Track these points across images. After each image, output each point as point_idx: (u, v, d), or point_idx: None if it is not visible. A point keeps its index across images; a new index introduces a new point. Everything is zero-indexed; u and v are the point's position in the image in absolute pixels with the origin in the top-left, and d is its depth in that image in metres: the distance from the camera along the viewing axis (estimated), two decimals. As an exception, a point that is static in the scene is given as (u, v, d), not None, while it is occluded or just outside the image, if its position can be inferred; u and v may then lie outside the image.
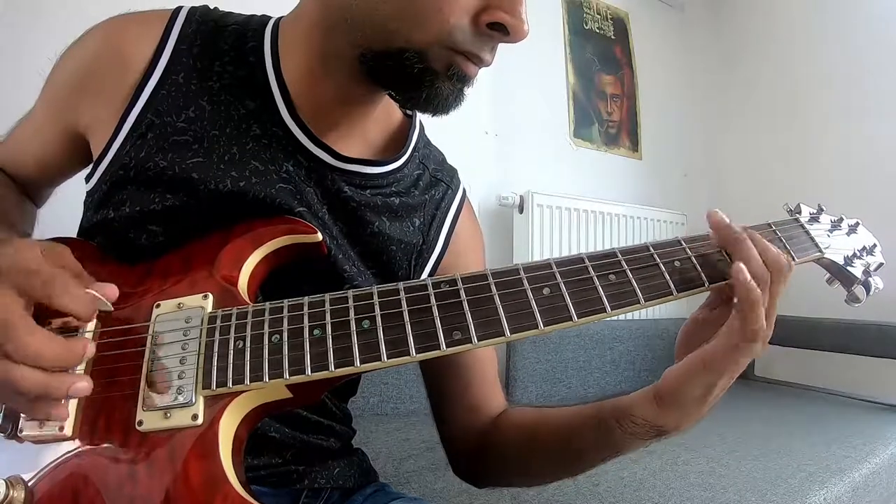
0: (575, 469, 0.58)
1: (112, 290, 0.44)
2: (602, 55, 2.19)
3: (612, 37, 2.24)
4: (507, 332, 0.42)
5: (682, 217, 2.19)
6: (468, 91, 0.52)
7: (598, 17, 2.21)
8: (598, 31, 2.20)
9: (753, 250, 0.45)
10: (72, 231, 0.58)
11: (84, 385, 0.40)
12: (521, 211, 1.82)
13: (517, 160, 1.93)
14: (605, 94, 2.20)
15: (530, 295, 0.43)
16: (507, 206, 1.83)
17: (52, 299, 0.39)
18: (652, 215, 2.09)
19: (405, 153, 0.61)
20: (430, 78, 0.49)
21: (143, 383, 0.43)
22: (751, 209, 0.52)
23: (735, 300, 0.45)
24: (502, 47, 0.51)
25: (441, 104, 0.50)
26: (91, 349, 0.41)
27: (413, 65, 0.48)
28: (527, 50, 1.94)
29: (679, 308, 2.14)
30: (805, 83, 2.21)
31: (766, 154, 2.31)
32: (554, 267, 0.45)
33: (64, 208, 0.68)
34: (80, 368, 0.44)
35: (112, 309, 0.44)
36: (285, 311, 0.44)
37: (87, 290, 0.41)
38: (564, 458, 0.57)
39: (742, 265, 0.44)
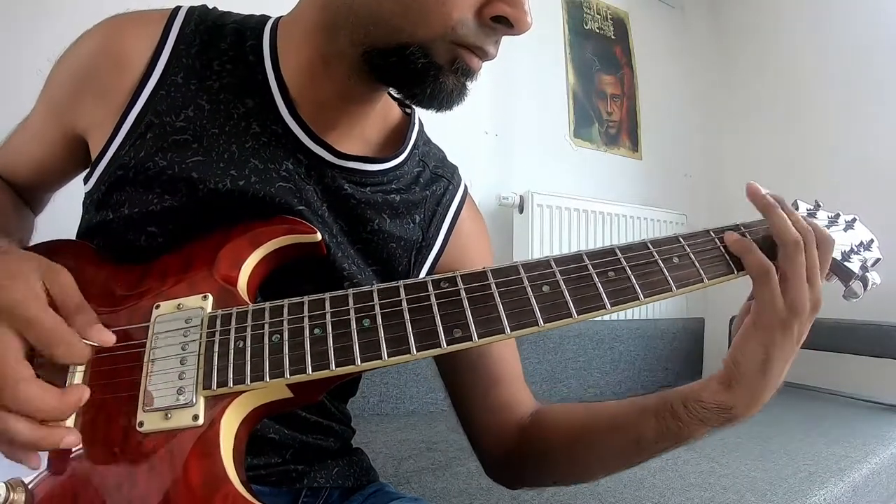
0: (632, 461, 0.57)
1: (109, 338, 0.44)
2: (602, 55, 2.19)
3: (612, 37, 2.25)
4: (508, 330, 0.42)
5: (682, 217, 2.19)
6: (471, 85, 0.52)
7: (598, 17, 2.21)
8: (598, 31, 2.20)
9: (785, 217, 0.48)
10: (70, 233, 0.58)
11: (73, 439, 0.40)
12: (521, 211, 1.82)
13: (517, 160, 1.94)
14: (605, 94, 2.20)
15: (530, 292, 0.43)
16: (507, 206, 1.83)
17: (51, 353, 0.40)
18: (652, 215, 2.10)
19: (405, 150, 0.61)
20: (435, 73, 0.49)
21: (143, 384, 0.43)
22: (751, 209, 0.52)
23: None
24: (502, 48, 0.51)
25: (445, 99, 0.51)
26: (86, 396, 0.42)
27: (417, 60, 0.48)
28: (527, 50, 1.95)
29: (679, 308, 2.15)
30: (805, 83, 2.21)
31: (766, 154, 2.31)
32: (553, 265, 0.45)
33: (62, 211, 0.68)
34: (80, 370, 0.44)
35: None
36: (285, 310, 0.44)
37: (84, 341, 0.42)
38: (622, 450, 0.56)
39: (746, 249, 0.48)
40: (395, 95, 0.62)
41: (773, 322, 0.47)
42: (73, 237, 0.58)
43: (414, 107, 0.64)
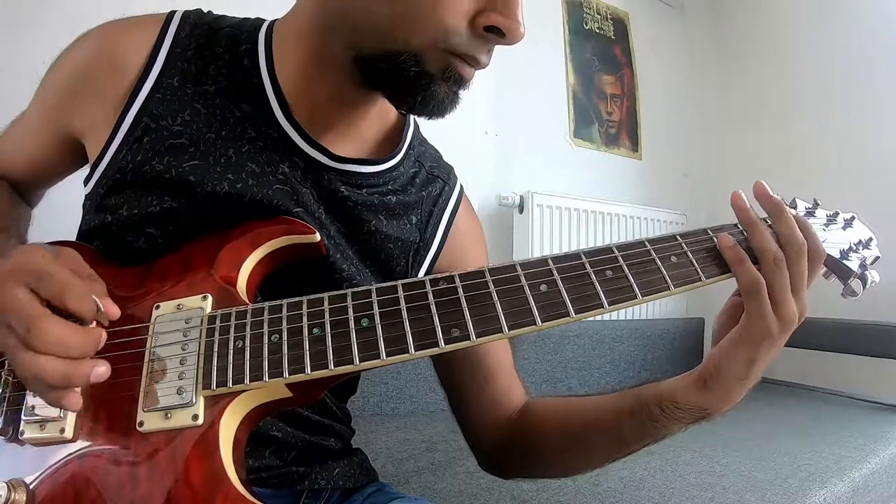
0: (614, 455, 0.58)
1: (115, 311, 0.44)
2: (602, 55, 2.19)
3: (612, 37, 2.25)
4: (506, 329, 0.42)
5: (682, 217, 2.19)
6: (463, 94, 0.52)
7: (598, 17, 2.21)
8: (598, 31, 2.20)
9: (766, 234, 0.47)
10: (70, 235, 0.58)
11: (104, 370, 0.40)
12: (521, 211, 1.82)
13: (517, 160, 1.94)
14: (605, 94, 2.20)
15: (528, 291, 0.43)
16: (507, 206, 1.83)
17: (64, 301, 0.40)
18: (652, 215, 2.09)
19: (400, 151, 0.62)
20: (426, 81, 0.49)
21: (143, 384, 0.43)
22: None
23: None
24: (503, 47, 0.50)
25: (437, 107, 0.50)
26: (104, 338, 0.42)
27: (409, 67, 0.48)
28: (527, 50, 1.94)
29: (678, 308, 2.15)
30: (805, 83, 2.21)
31: (766, 154, 2.31)
32: (551, 263, 0.45)
33: (61, 212, 0.68)
34: None
35: (107, 322, 0.44)
36: (284, 310, 0.44)
37: (93, 297, 0.42)
38: (604, 445, 0.57)
39: (738, 260, 0.47)
40: None
41: (762, 335, 0.46)
42: (73, 238, 0.58)
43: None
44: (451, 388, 0.67)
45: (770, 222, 0.49)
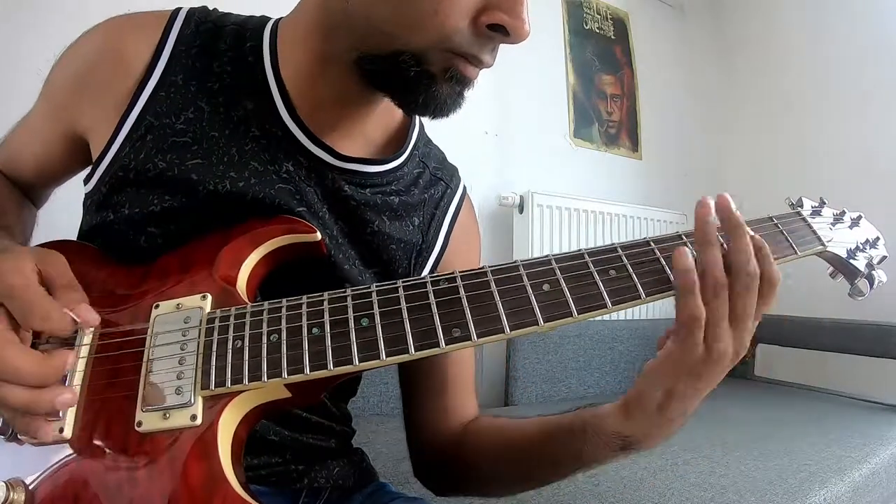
0: (548, 478, 0.57)
1: (93, 318, 0.43)
2: (602, 55, 2.19)
3: (612, 37, 2.24)
4: (507, 329, 0.41)
5: (682, 217, 2.19)
6: (468, 93, 0.51)
7: (598, 17, 2.21)
8: (598, 31, 2.20)
9: (717, 257, 0.43)
10: (70, 234, 0.58)
11: (68, 397, 0.40)
12: (521, 211, 1.82)
13: (517, 160, 1.93)
14: (605, 94, 2.20)
15: (530, 291, 0.43)
16: (507, 206, 1.83)
17: (29, 322, 0.40)
18: (652, 215, 2.09)
19: (405, 151, 0.61)
20: (428, 81, 0.48)
21: (142, 384, 0.42)
22: (751, 209, 0.51)
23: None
24: (503, 47, 0.50)
25: (439, 107, 0.50)
26: (71, 362, 0.42)
27: (409, 68, 0.47)
28: (527, 50, 1.93)
29: (679, 308, 2.14)
30: (805, 82, 2.21)
31: (766, 154, 2.31)
32: (553, 263, 0.45)
33: (62, 212, 0.68)
34: (80, 370, 0.44)
35: (93, 327, 0.44)
36: (284, 310, 0.44)
37: (65, 311, 0.42)
38: (538, 466, 0.56)
39: (689, 290, 0.42)
40: None
41: (684, 367, 0.43)
42: (74, 238, 0.58)
43: None
44: (409, 389, 0.67)
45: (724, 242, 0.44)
